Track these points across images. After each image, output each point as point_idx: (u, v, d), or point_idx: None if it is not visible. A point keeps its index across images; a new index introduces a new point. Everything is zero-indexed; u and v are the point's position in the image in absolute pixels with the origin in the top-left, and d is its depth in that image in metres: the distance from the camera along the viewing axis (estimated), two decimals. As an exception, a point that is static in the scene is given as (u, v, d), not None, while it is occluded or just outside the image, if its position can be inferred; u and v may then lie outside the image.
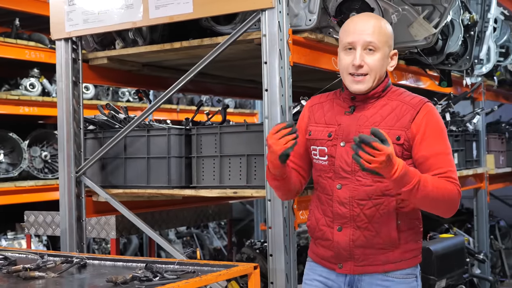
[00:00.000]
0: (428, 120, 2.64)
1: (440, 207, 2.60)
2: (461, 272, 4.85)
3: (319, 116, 2.81)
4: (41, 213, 4.86)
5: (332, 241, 2.72)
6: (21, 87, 6.78)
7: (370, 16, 2.76)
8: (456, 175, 2.64)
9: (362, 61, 2.63)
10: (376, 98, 2.71)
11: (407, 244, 2.71)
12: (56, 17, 3.93)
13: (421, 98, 2.71)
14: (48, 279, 2.49)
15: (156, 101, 3.71)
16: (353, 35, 2.65)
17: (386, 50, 2.69)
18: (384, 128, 2.59)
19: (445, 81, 4.85)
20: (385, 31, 2.69)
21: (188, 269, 2.51)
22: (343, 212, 2.68)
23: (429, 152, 2.61)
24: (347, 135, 2.68)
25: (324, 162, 2.74)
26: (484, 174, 6.16)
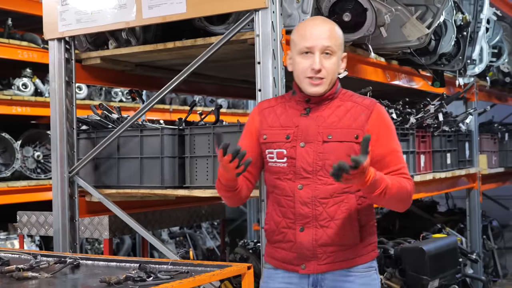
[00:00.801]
0: (381, 120, 2.76)
1: (400, 204, 2.75)
2: (454, 272, 4.87)
3: (272, 119, 2.84)
4: (34, 213, 4.84)
5: (294, 242, 2.75)
6: (14, 87, 6.76)
7: (325, 21, 2.83)
8: (407, 169, 2.78)
9: (321, 65, 2.70)
10: (330, 100, 2.79)
11: (367, 239, 2.80)
12: (49, 17, 3.92)
13: (371, 99, 2.83)
14: (42, 279, 2.49)
15: (149, 101, 3.71)
16: (311, 40, 2.71)
17: (339, 54, 2.78)
18: (342, 128, 2.72)
19: (438, 81, 4.86)
20: (339, 35, 2.78)
21: (182, 269, 2.51)
22: (305, 212, 2.73)
23: (385, 150, 2.72)
24: (306, 136, 2.74)
25: (283, 164, 2.78)
26: (477, 174, 6.18)
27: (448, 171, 5.41)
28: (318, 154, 2.72)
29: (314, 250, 2.73)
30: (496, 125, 7.22)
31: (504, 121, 7.88)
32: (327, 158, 2.70)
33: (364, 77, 4.20)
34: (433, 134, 5.13)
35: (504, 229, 8.28)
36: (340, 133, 2.72)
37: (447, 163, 5.43)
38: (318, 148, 2.72)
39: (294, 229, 2.75)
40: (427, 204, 7.21)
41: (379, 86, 4.60)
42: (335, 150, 2.71)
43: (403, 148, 4.50)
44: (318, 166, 2.71)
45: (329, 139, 2.72)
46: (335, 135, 2.72)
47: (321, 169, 2.70)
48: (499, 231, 7.62)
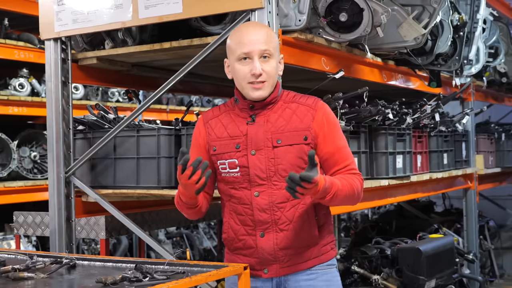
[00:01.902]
0: (326, 118, 2.78)
1: (351, 201, 2.78)
2: (451, 272, 4.88)
3: (219, 130, 2.83)
4: (31, 213, 4.83)
5: (255, 248, 2.78)
6: (10, 87, 6.75)
7: (258, 25, 2.86)
8: (355, 164, 2.83)
9: (261, 69, 2.69)
10: (274, 104, 2.79)
11: (325, 238, 2.85)
12: (45, 17, 3.92)
13: (314, 97, 2.84)
14: (38, 279, 2.48)
15: (146, 101, 3.70)
16: (248, 46, 2.70)
17: (277, 56, 2.78)
18: (290, 131, 2.73)
19: (434, 82, 4.87)
20: (274, 38, 2.79)
21: (178, 270, 2.50)
22: (264, 218, 2.74)
23: (333, 148, 2.76)
24: (255, 143, 2.74)
25: (236, 174, 2.78)
26: (474, 174, 6.19)
27: (445, 171, 5.41)
28: (270, 160, 2.72)
29: (275, 254, 2.76)
30: (493, 125, 7.23)
31: (501, 121, 7.88)
32: (279, 163, 2.72)
33: (360, 77, 4.20)
34: (430, 134, 5.14)
35: (501, 229, 8.30)
36: (289, 136, 2.73)
37: (443, 163, 5.44)
38: (269, 154, 2.73)
39: (254, 235, 2.78)
40: (424, 204, 7.21)
41: (375, 86, 4.60)
42: (286, 154, 2.72)
43: (400, 148, 4.51)
44: (271, 172, 2.72)
45: (278, 144, 2.73)
46: (284, 139, 2.73)
47: (275, 175, 2.72)
48: (496, 231, 7.63)
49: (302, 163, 2.70)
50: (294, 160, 2.71)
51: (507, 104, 7.88)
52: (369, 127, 4.28)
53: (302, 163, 2.70)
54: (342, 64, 3.90)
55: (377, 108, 4.03)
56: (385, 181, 4.34)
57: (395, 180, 4.47)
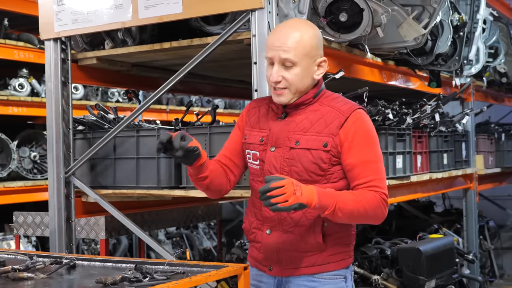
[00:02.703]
0: (357, 128, 2.65)
1: (365, 219, 2.65)
2: (451, 272, 4.87)
3: (254, 120, 2.85)
4: (30, 213, 4.83)
5: (262, 244, 2.78)
6: (10, 87, 6.75)
7: (291, 28, 2.70)
8: (384, 183, 2.66)
9: (279, 76, 2.65)
10: (307, 105, 2.73)
11: (335, 247, 2.75)
12: (45, 17, 3.91)
13: (353, 104, 2.73)
14: (37, 280, 2.48)
15: (146, 101, 3.70)
16: (271, 51, 2.67)
17: (308, 62, 2.68)
18: (312, 134, 2.66)
19: (434, 82, 4.87)
20: (304, 43, 2.66)
21: (178, 270, 2.50)
22: (271, 216, 2.73)
23: (356, 160, 2.63)
24: (276, 140, 2.73)
25: (256, 166, 2.79)
26: (474, 174, 6.19)
27: (445, 172, 5.41)
28: (285, 159, 2.70)
29: (278, 253, 2.75)
30: (493, 125, 7.22)
31: (501, 121, 7.88)
32: (293, 164, 2.68)
33: (360, 78, 4.20)
34: (430, 135, 5.14)
35: (501, 229, 8.30)
36: (309, 139, 2.67)
37: (443, 163, 5.43)
38: (285, 154, 2.70)
39: (262, 231, 2.78)
40: (424, 204, 7.21)
41: (375, 86, 4.60)
42: (302, 157, 2.67)
43: (399, 148, 4.50)
44: (284, 171, 2.68)
45: (296, 146, 2.68)
46: (303, 142, 2.68)
47: (288, 175, 2.63)
48: (496, 232, 7.63)
49: (318, 169, 2.64)
50: (308, 165, 2.65)
51: (507, 104, 7.88)
52: (369, 127, 4.27)
53: (317, 169, 2.64)
54: (342, 64, 3.90)
55: (377, 108, 4.03)
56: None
57: (395, 180, 4.46)
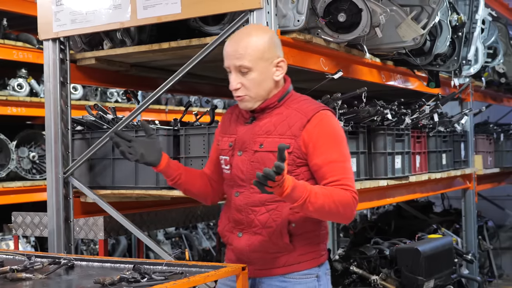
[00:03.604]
0: (321, 128, 2.68)
1: (335, 216, 2.67)
2: (449, 272, 4.87)
3: (226, 126, 2.93)
4: (29, 214, 4.83)
5: (233, 246, 2.85)
6: (9, 88, 6.75)
7: (242, 35, 2.76)
8: (353, 182, 2.68)
9: (238, 84, 2.71)
10: (273, 108, 2.77)
11: (304, 247, 2.78)
12: (43, 17, 3.91)
13: (318, 105, 2.76)
14: (36, 280, 2.48)
15: (145, 101, 3.70)
16: (226, 60, 2.75)
17: (263, 65, 2.71)
18: (275, 137, 2.70)
19: (433, 82, 4.87)
20: (256, 47, 2.70)
21: (176, 270, 2.50)
22: (239, 219, 2.80)
23: (322, 161, 2.66)
24: (242, 144, 2.79)
25: (228, 171, 2.86)
26: (472, 174, 6.19)
27: (444, 172, 5.41)
28: (250, 163, 2.75)
29: (248, 255, 2.79)
30: (492, 125, 7.22)
31: (500, 121, 7.88)
32: (258, 167, 2.70)
33: (359, 78, 4.20)
34: (429, 135, 5.14)
35: (500, 229, 8.29)
36: (272, 142, 2.70)
37: (442, 163, 5.44)
38: (250, 157, 2.76)
39: (233, 233, 2.85)
40: (423, 204, 7.21)
41: (374, 86, 4.60)
42: (266, 160, 2.71)
43: (398, 148, 4.51)
44: (250, 174, 2.72)
45: (260, 149, 2.73)
46: (266, 145, 2.72)
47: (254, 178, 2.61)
48: (495, 232, 7.64)
49: None
50: None
51: (505, 104, 7.88)
52: (367, 128, 4.27)
53: None
54: (341, 64, 3.90)
55: (375, 108, 4.03)
56: (384, 181, 4.34)
57: (393, 180, 4.47)
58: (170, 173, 2.97)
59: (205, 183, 3.03)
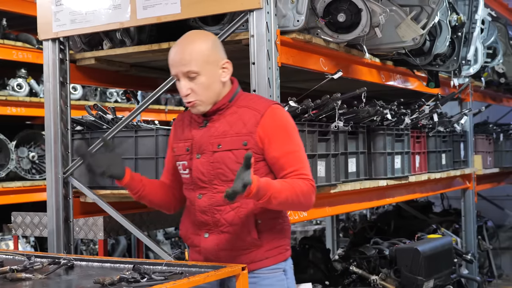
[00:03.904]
0: (275, 122, 2.77)
1: (297, 206, 2.81)
2: (449, 272, 4.88)
3: (179, 132, 2.99)
4: (29, 214, 4.83)
5: (200, 247, 2.89)
6: (9, 88, 6.75)
7: (185, 41, 2.85)
8: (309, 170, 2.79)
9: (188, 89, 2.78)
10: (225, 109, 2.85)
11: (271, 242, 2.85)
12: (43, 17, 3.91)
13: (268, 101, 2.86)
14: (35, 280, 2.48)
15: (144, 101, 3.70)
16: (173, 68, 2.81)
17: (210, 68, 2.79)
18: (232, 136, 2.78)
19: (432, 82, 4.87)
20: (201, 51, 2.78)
21: (176, 270, 2.50)
22: (205, 220, 2.85)
23: (279, 153, 2.75)
24: (200, 147, 2.85)
25: (187, 175, 2.92)
26: (472, 174, 6.19)
27: (443, 172, 5.42)
28: (210, 164, 2.81)
29: (217, 254, 2.84)
30: (491, 125, 7.23)
31: (499, 121, 7.89)
32: (218, 167, 2.79)
33: (359, 78, 4.20)
34: (428, 135, 5.14)
35: (499, 229, 8.30)
36: (229, 141, 2.78)
37: (442, 163, 5.44)
38: (209, 158, 2.82)
39: (200, 235, 2.89)
40: (422, 204, 7.22)
41: (374, 86, 4.61)
42: (225, 159, 2.79)
43: (398, 148, 4.51)
44: (211, 175, 2.81)
45: (218, 149, 2.80)
46: (224, 144, 2.79)
47: (215, 178, 2.80)
48: (494, 232, 7.64)
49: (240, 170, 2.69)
50: (233, 166, 2.75)
51: (505, 104, 7.88)
52: (367, 128, 4.28)
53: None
54: (340, 64, 3.90)
55: (375, 108, 4.03)
56: (384, 181, 4.35)
57: (393, 180, 4.47)
58: (134, 186, 3.01)
59: (167, 192, 3.09)
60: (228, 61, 2.87)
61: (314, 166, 3.58)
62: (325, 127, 3.70)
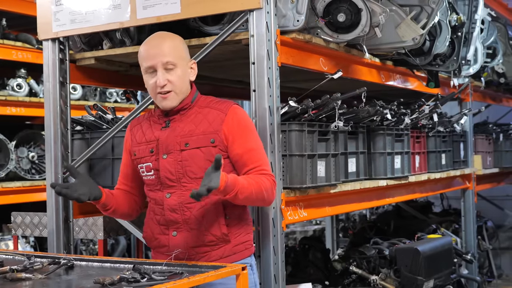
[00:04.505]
0: (237, 121, 2.92)
1: (260, 201, 2.91)
2: (449, 272, 4.88)
3: (139, 136, 3.05)
4: (28, 214, 4.83)
5: (168, 247, 2.94)
6: (8, 88, 6.75)
7: (161, 37, 2.99)
8: (268, 166, 2.96)
9: (165, 80, 2.89)
10: (187, 110, 2.97)
11: (238, 238, 2.97)
12: (43, 17, 3.91)
13: (229, 102, 2.99)
14: (35, 280, 2.48)
15: (144, 101, 3.69)
16: (150, 60, 2.91)
17: (183, 64, 2.96)
18: (198, 135, 2.89)
19: (432, 82, 4.87)
20: (178, 47, 2.97)
21: (176, 270, 2.50)
22: (175, 218, 2.92)
23: (242, 150, 2.89)
24: (166, 147, 2.93)
25: (152, 177, 2.98)
26: (472, 174, 6.19)
27: (443, 172, 5.42)
28: (178, 162, 2.90)
29: (187, 251, 2.91)
30: (491, 125, 7.23)
31: (499, 121, 7.89)
32: (187, 165, 2.89)
33: (358, 78, 4.20)
34: (428, 135, 5.14)
35: (499, 229, 8.30)
36: (196, 140, 2.89)
37: (442, 163, 5.44)
38: (177, 157, 2.90)
39: (167, 235, 2.95)
40: (422, 204, 7.22)
41: (374, 86, 4.61)
42: (194, 156, 2.89)
43: (398, 148, 4.51)
44: (180, 174, 2.90)
45: (186, 147, 2.90)
46: (192, 142, 2.89)
47: (184, 177, 2.89)
48: (494, 232, 7.63)
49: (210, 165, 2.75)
50: (202, 163, 2.86)
51: (505, 104, 7.88)
52: (367, 128, 4.28)
53: (210, 165, 2.74)
54: (340, 64, 3.90)
55: (375, 108, 4.03)
56: (383, 181, 4.35)
57: (393, 180, 4.47)
58: (108, 202, 3.05)
59: (129, 200, 3.16)
60: (195, 62, 3.04)
61: (314, 166, 3.58)
62: (325, 127, 3.70)
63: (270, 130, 3.24)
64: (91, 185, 2.97)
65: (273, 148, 3.25)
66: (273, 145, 3.25)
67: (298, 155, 3.50)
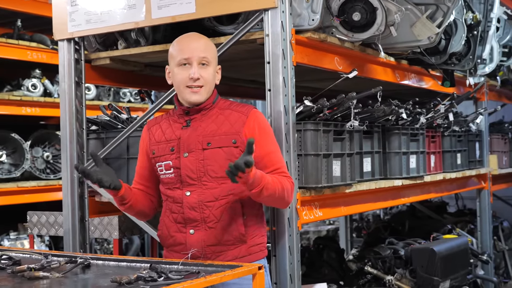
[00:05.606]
0: (258, 124, 2.97)
1: (281, 201, 2.94)
2: (465, 273, 4.85)
3: (158, 135, 3.09)
4: (44, 213, 4.84)
5: (185, 245, 2.96)
6: (23, 88, 6.78)
7: (199, 35, 3.06)
8: (286, 168, 3.02)
9: (199, 74, 2.95)
10: (208, 110, 3.02)
11: (254, 239, 3.00)
12: (58, 17, 3.92)
13: (249, 106, 3.05)
14: (53, 279, 2.49)
15: (159, 101, 3.71)
16: (187, 53, 2.96)
17: (215, 65, 3.04)
18: (220, 135, 2.94)
19: (448, 81, 4.85)
20: (213, 48, 3.05)
21: (193, 270, 2.50)
22: (194, 216, 2.94)
23: (263, 152, 2.92)
24: (187, 146, 2.97)
25: (171, 175, 3.01)
26: (487, 174, 6.15)
27: (458, 172, 5.39)
28: (200, 161, 2.94)
29: (203, 250, 2.93)
30: (507, 125, 7.18)
31: (514, 121, 7.83)
32: (208, 164, 2.93)
33: (373, 77, 4.19)
34: (443, 134, 5.12)
35: (515, 229, 8.23)
36: (218, 140, 2.93)
37: (457, 163, 5.41)
38: (199, 156, 2.94)
39: (185, 233, 2.97)
40: (437, 204, 7.18)
41: (388, 86, 4.59)
42: (216, 156, 2.93)
43: (413, 148, 4.49)
44: (201, 172, 2.93)
45: (208, 146, 2.94)
46: (214, 142, 2.94)
47: (204, 175, 2.93)
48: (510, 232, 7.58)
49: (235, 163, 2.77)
50: (223, 162, 2.88)
51: (521, 103, 7.83)
52: (382, 127, 4.26)
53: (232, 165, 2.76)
54: (355, 63, 3.89)
55: (390, 107, 4.02)
56: (399, 181, 4.33)
57: (408, 180, 4.45)
58: (127, 195, 3.06)
59: (146, 198, 3.18)
60: (220, 68, 3.10)
61: (329, 165, 3.58)
62: (340, 126, 3.69)
63: (286, 129, 3.23)
64: (113, 175, 2.99)
65: (289, 147, 3.25)
66: (289, 144, 3.25)
67: (314, 155, 3.49)
